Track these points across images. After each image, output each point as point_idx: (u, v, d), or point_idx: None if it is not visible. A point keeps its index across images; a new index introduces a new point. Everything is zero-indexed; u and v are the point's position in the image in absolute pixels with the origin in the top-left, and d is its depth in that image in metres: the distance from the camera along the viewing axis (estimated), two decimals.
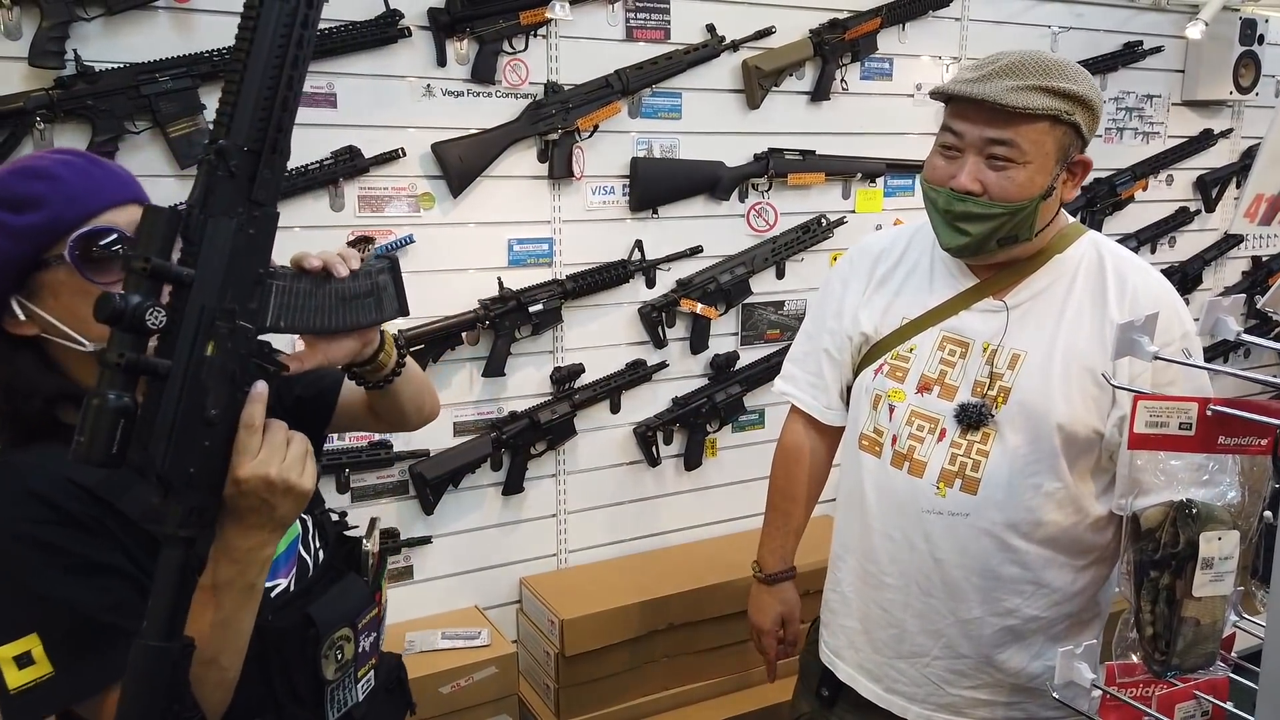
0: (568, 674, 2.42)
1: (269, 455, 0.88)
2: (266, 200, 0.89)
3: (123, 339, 0.82)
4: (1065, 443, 1.35)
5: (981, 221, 1.35)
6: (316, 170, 2.18)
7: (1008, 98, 1.27)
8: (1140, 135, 3.43)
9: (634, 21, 2.51)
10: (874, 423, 1.50)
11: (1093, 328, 1.36)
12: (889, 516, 1.47)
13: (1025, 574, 1.40)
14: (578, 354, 2.60)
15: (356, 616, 1.12)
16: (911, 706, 1.48)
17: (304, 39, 0.87)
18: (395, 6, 2.20)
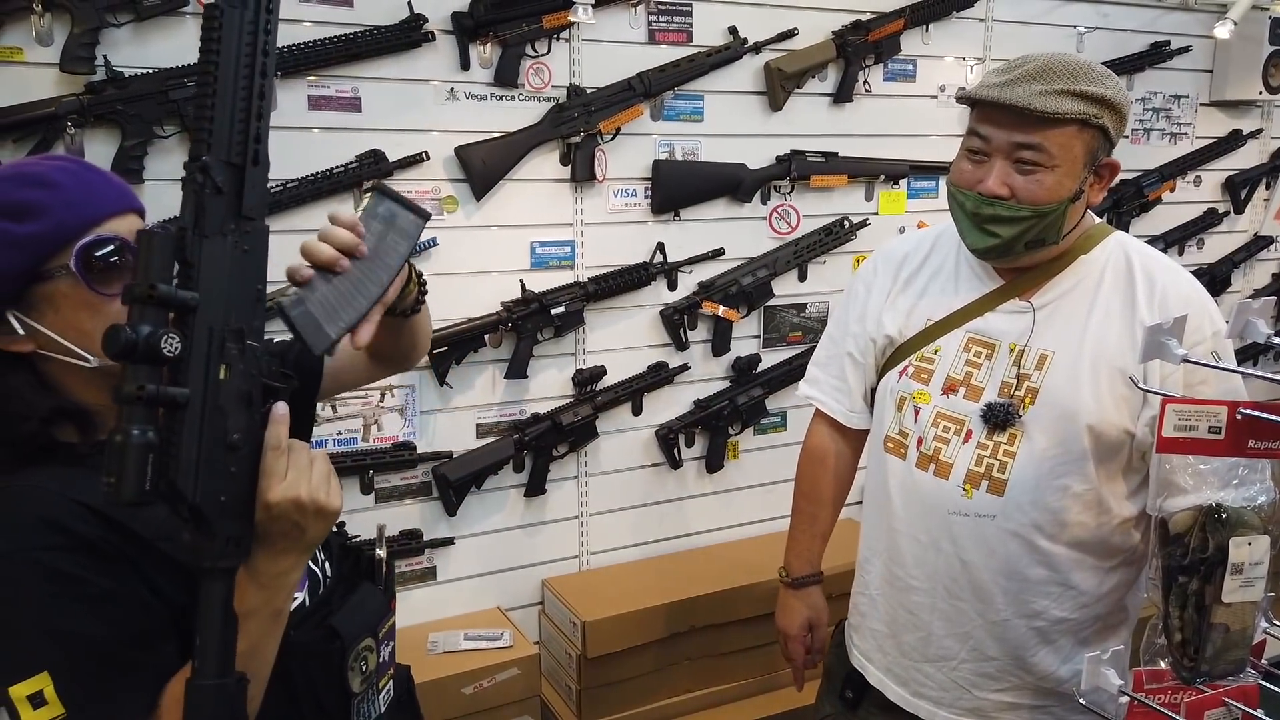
0: (590, 676, 2.42)
1: (297, 477, 0.87)
2: (256, 214, 0.87)
3: (137, 371, 0.79)
4: (1094, 443, 1.34)
5: (1010, 224, 1.34)
6: (341, 174, 2.20)
7: (1035, 102, 1.27)
8: (1168, 136, 3.40)
9: (656, 24, 2.52)
10: (899, 425, 1.50)
11: (1122, 327, 1.36)
12: (915, 519, 1.47)
13: (1053, 575, 1.39)
14: (600, 356, 2.61)
15: (377, 625, 1.11)
16: (939, 711, 1.48)
17: (268, 46, 0.86)
18: (419, 11, 2.22)
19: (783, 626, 1.76)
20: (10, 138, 1.92)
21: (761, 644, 2.58)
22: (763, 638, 2.57)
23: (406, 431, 2.40)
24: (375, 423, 2.36)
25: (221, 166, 0.84)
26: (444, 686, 2.24)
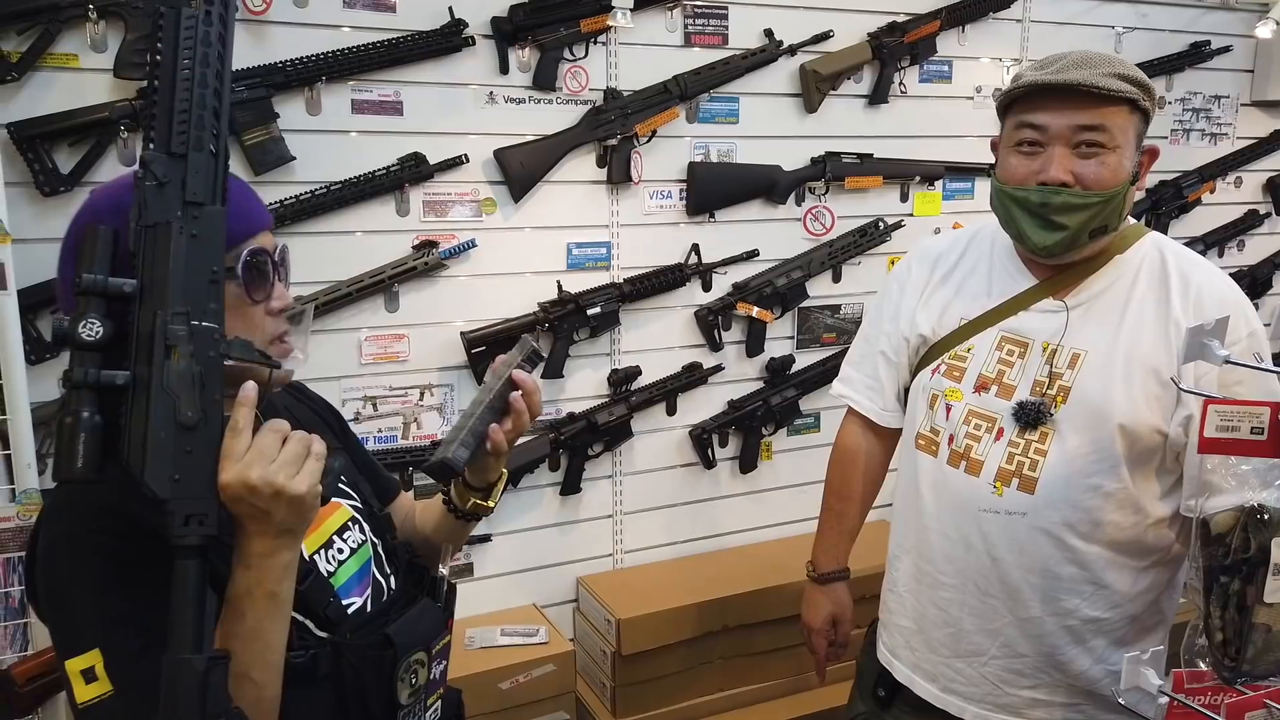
0: (624, 673, 2.45)
1: (253, 458, 0.87)
2: (205, 199, 0.88)
3: (82, 357, 0.84)
4: (1127, 443, 1.34)
5: (1078, 212, 1.33)
6: (383, 176, 2.24)
7: (1096, 80, 1.28)
8: (1207, 137, 3.36)
9: (692, 27, 2.54)
10: (931, 422, 1.51)
11: (1156, 327, 1.35)
12: (945, 515, 1.47)
13: (1084, 574, 1.39)
14: (635, 356, 2.63)
15: (432, 641, 1.12)
16: (969, 706, 1.48)
17: (208, 36, 0.87)
18: (460, 16, 2.25)
19: (807, 620, 1.78)
20: (66, 141, 1.98)
21: (794, 644, 2.57)
22: (795, 638, 2.55)
23: (444, 429, 2.44)
24: (415, 421, 2.40)
25: (163, 159, 0.87)
26: (481, 681, 2.27)
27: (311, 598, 1.02)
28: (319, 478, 0.90)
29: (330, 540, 1.09)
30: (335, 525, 1.11)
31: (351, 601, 1.08)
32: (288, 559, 0.91)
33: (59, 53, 1.97)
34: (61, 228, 1.97)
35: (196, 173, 0.88)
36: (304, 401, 1.23)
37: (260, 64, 2.09)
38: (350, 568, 1.10)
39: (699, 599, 2.50)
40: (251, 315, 1.00)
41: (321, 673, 1.00)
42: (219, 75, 0.89)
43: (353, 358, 2.31)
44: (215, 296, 0.89)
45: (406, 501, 1.35)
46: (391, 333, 2.35)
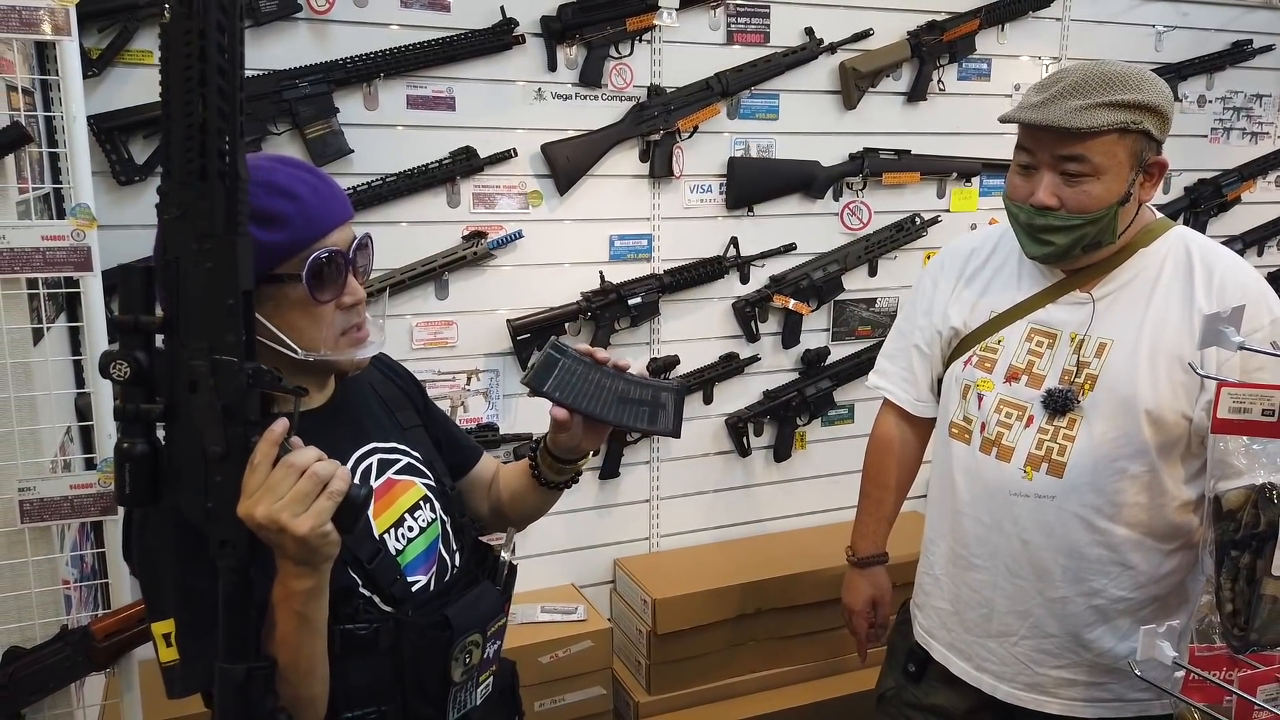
0: (659, 652, 2.53)
1: (262, 495, 0.87)
2: (214, 230, 0.86)
3: (130, 391, 0.88)
4: (1152, 428, 1.39)
5: (1063, 233, 1.40)
6: (436, 169, 2.34)
7: (1071, 120, 1.32)
8: (1248, 136, 3.36)
9: (734, 26, 2.61)
10: (963, 411, 1.57)
11: (1181, 315, 1.40)
12: (978, 501, 1.53)
13: (1111, 555, 1.44)
14: (673, 346, 2.71)
15: (488, 623, 1.15)
16: (1000, 685, 1.54)
17: (205, 52, 0.82)
18: (511, 15, 2.34)
19: (848, 603, 1.84)
20: (141, 133, 2.10)
21: (826, 628, 2.65)
22: (827, 622, 2.64)
23: (490, 414, 2.53)
24: (462, 404, 2.50)
25: (179, 189, 0.85)
26: (522, 655, 2.36)
27: (379, 575, 1.08)
28: (326, 516, 0.89)
29: (401, 518, 1.14)
30: (408, 504, 1.16)
31: (416, 579, 1.13)
32: (308, 586, 0.92)
33: (135, 49, 2.08)
34: (135, 215, 2.10)
35: (209, 204, 0.85)
36: (390, 378, 1.28)
37: (322, 61, 2.20)
38: (418, 545, 1.15)
39: (733, 582, 2.58)
40: (319, 313, 1.04)
41: (382, 645, 1.05)
42: (223, 94, 0.84)
43: (404, 343, 2.42)
44: (234, 328, 0.88)
45: (490, 465, 1.40)
46: (441, 319, 2.45)
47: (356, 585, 1.06)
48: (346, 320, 1.07)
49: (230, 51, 0.84)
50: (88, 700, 1.84)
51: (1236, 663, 1.20)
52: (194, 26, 0.82)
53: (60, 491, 1.63)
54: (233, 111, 0.85)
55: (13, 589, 1.64)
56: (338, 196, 1.08)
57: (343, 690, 1.03)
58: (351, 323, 1.08)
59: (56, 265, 1.58)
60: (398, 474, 1.17)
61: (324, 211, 1.04)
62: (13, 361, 1.58)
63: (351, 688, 1.04)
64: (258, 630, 0.94)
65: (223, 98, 0.84)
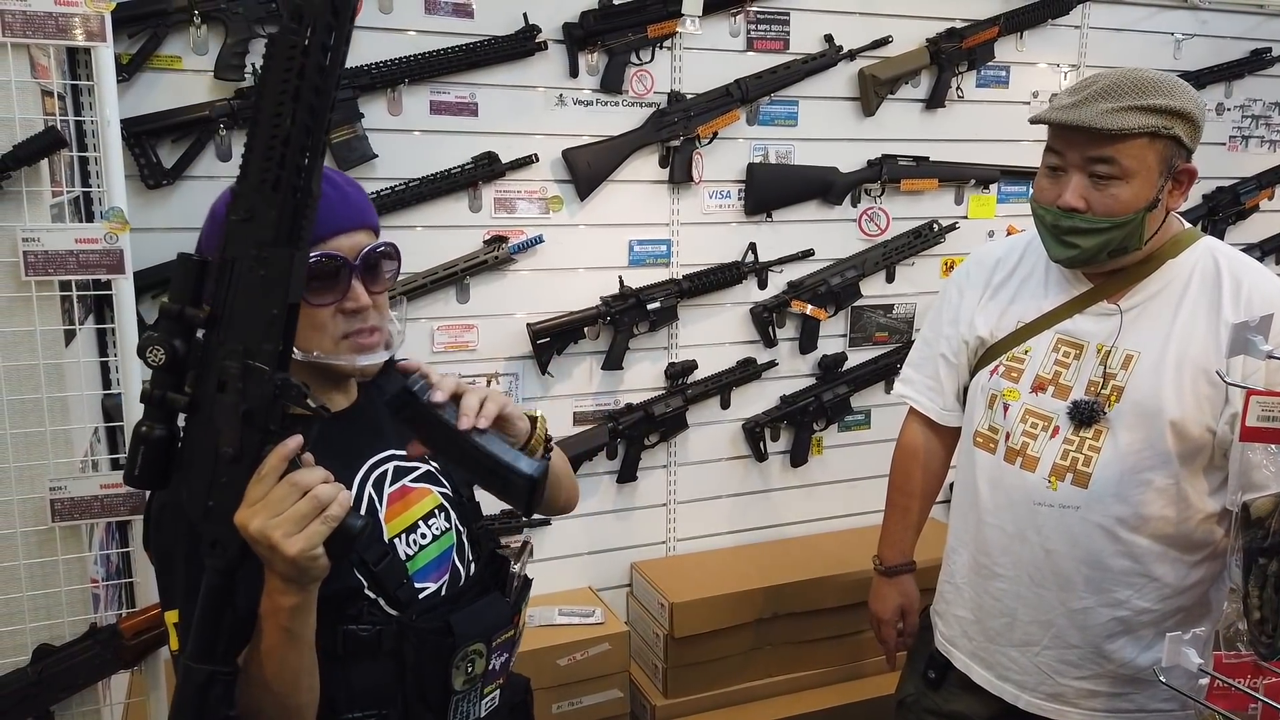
0: (676, 655, 2.53)
1: (260, 508, 0.88)
2: (276, 241, 0.87)
3: (160, 376, 0.90)
4: (1177, 440, 1.39)
5: (1089, 235, 1.40)
6: (458, 174, 2.36)
7: (1103, 121, 1.32)
8: (1267, 144, 3.35)
9: (754, 33, 2.62)
10: (989, 421, 1.57)
11: (1207, 328, 1.40)
12: (1002, 510, 1.53)
13: (1135, 566, 1.44)
14: (691, 351, 2.72)
15: (493, 634, 1.13)
16: (1022, 694, 1.54)
17: (305, 70, 0.84)
18: (533, 21, 2.36)
19: (876, 611, 1.84)
20: (169, 137, 2.12)
21: (843, 633, 2.66)
22: (844, 627, 2.65)
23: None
24: None
25: (251, 193, 0.87)
26: (540, 657, 2.38)
27: (385, 578, 1.08)
28: (318, 541, 0.88)
29: (414, 525, 1.14)
30: (422, 511, 1.16)
31: (425, 586, 1.12)
32: (294, 603, 0.92)
33: (164, 55, 2.11)
34: (163, 218, 2.12)
35: (275, 213, 0.87)
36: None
37: (348, 66, 2.22)
38: (430, 553, 1.15)
39: (750, 586, 2.59)
40: (316, 316, 1.05)
41: (385, 649, 1.05)
42: (313, 111, 0.85)
43: (425, 346, 2.43)
44: (272, 338, 0.89)
45: None
46: (462, 323, 2.47)
47: (362, 587, 1.07)
48: (349, 325, 1.07)
49: (329, 74, 0.86)
50: (114, 698, 1.86)
51: (1262, 670, 1.20)
52: (299, 43, 0.84)
53: (90, 491, 1.65)
54: (318, 131, 0.87)
55: (43, 587, 1.66)
56: (349, 203, 1.09)
57: (345, 691, 1.04)
58: (355, 328, 1.08)
59: (89, 268, 1.61)
60: (414, 482, 1.17)
61: (326, 218, 1.02)
62: (46, 363, 1.60)
63: (354, 689, 1.05)
64: (231, 638, 0.94)
65: (311, 115, 0.85)
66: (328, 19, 0.84)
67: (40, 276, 1.57)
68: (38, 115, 1.61)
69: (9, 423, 1.59)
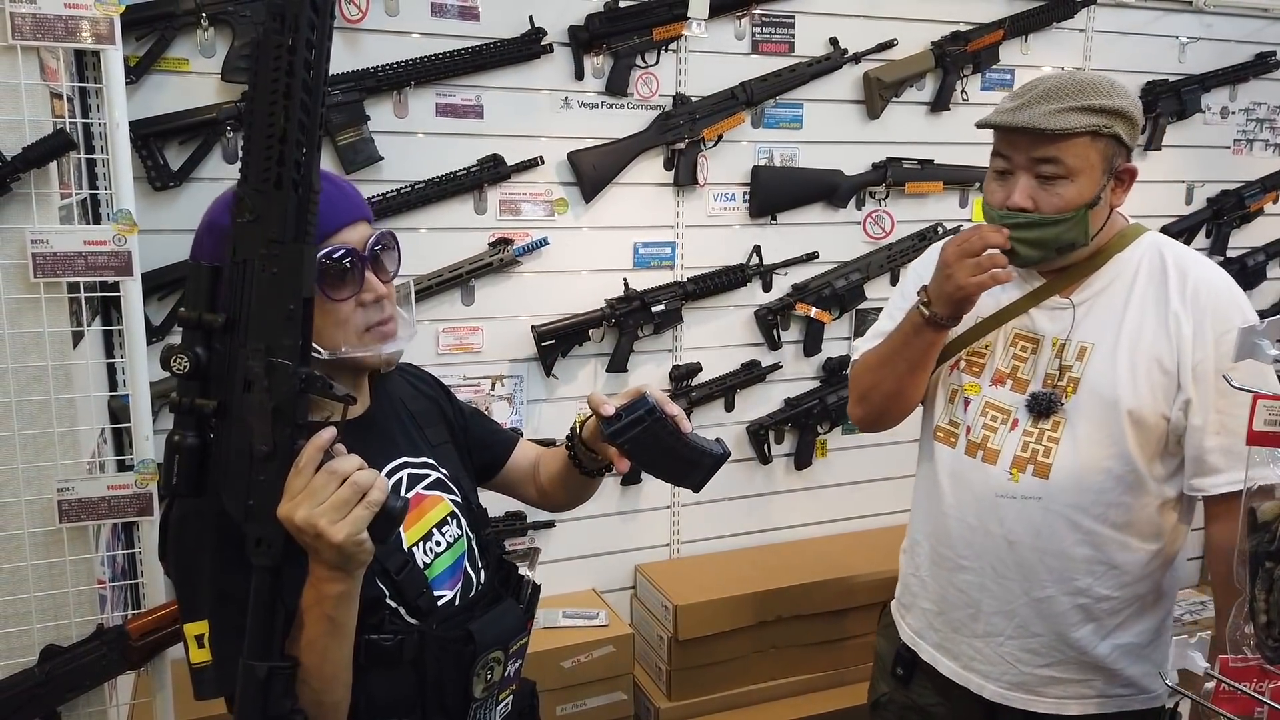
0: (680, 658, 2.54)
1: (303, 499, 0.89)
2: (283, 237, 0.89)
3: (186, 385, 0.91)
4: (1133, 428, 1.42)
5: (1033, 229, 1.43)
6: (464, 176, 2.37)
7: (1046, 121, 1.36)
8: (1271, 147, 3.35)
9: (759, 36, 2.63)
10: (950, 415, 1.59)
11: (1157, 319, 1.44)
12: (964, 503, 1.55)
13: (1096, 554, 1.46)
14: (696, 353, 2.73)
15: (510, 641, 1.14)
16: (987, 684, 1.56)
17: (293, 67, 0.85)
18: (539, 24, 2.37)
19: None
20: (176, 139, 2.13)
21: (848, 636, 2.66)
22: (849, 630, 2.65)
23: (514, 419, 2.55)
24: (486, 409, 2.52)
25: (254, 194, 0.88)
26: (544, 659, 2.38)
27: (406, 587, 1.09)
28: (363, 525, 0.91)
29: (430, 533, 1.15)
30: (436, 518, 1.17)
31: (443, 594, 1.13)
32: (340, 590, 0.94)
33: (172, 57, 2.12)
34: (169, 220, 2.13)
35: (281, 209, 0.88)
36: (419, 389, 1.29)
37: (354, 69, 2.23)
38: (445, 561, 1.15)
39: (754, 589, 2.59)
40: (338, 311, 1.05)
41: (406, 657, 1.06)
42: (305, 108, 0.87)
43: (430, 348, 2.44)
44: (291, 333, 0.91)
45: (529, 451, 1.41)
46: (467, 325, 2.47)
47: (384, 596, 1.07)
48: (368, 317, 1.08)
49: (316, 69, 0.87)
50: (120, 699, 1.86)
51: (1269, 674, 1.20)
52: (284, 42, 0.85)
53: (98, 492, 1.66)
54: (313, 126, 0.88)
55: (50, 588, 1.66)
56: (349, 197, 1.10)
57: (365, 700, 1.04)
58: (375, 319, 1.08)
59: (98, 269, 1.61)
60: (427, 489, 1.18)
61: (330, 212, 1.04)
62: (54, 364, 1.61)
63: (373, 698, 1.05)
64: (284, 632, 0.95)
65: (304, 112, 0.87)
66: (309, 15, 0.86)
67: (49, 278, 1.58)
68: (47, 117, 1.62)
69: (17, 424, 1.59)
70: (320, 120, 0.89)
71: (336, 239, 1.05)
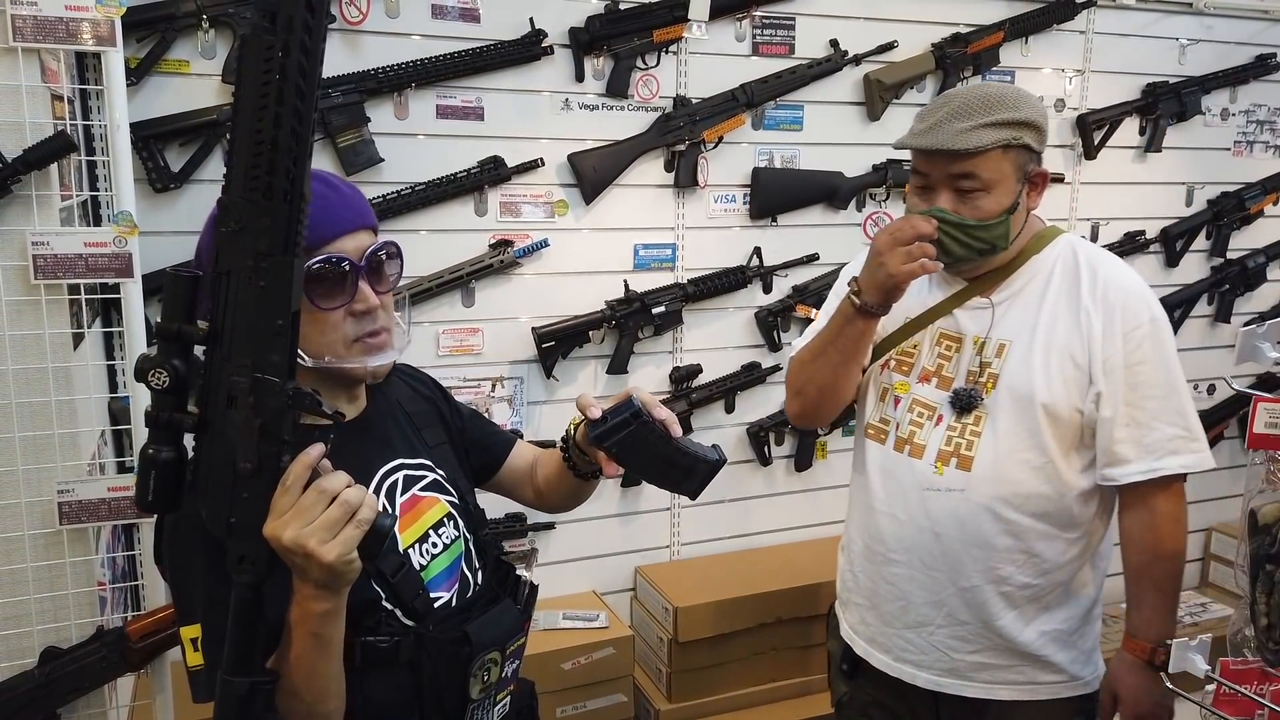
0: (680, 659, 2.53)
1: (291, 517, 0.87)
2: (273, 250, 0.85)
3: (162, 399, 0.88)
4: (1049, 421, 1.48)
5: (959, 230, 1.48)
6: (464, 178, 2.37)
7: (958, 142, 1.42)
8: (1272, 149, 3.35)
9: (760, 38, 2.63)
10: (880, 413, 1.64)
11: (1069, 315, 1.50)
12: (893, 497, 1.60)
13: (1017, 544, 1.51)
14: (696, 355, 2.73)
15: (507, 642, 1.14)
16: (920, 673, 1.59)
17: (285, 70, 0.82)
18: (540, 26, 2.37)
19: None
20: (177, 141, 2.13)
21: None
22: None
23: (514, 420, 2.55)
24: (487, 411, 2.51)
25: (239, 203, 0.85)
26: (544, 661, 2.38)
27: (402, 589, 1.07)
28: (353, 545, 0.89)
29: (426, 534, 1.14)
30: (432, 520, 1.16)
31: (439, 595, 1.12)
32: (326, 609, 0.92)
33: (172, 59, 2.12)
34: (170, 222, 2.12)
35: (271, 221, 0.85)
36: (417, 390, 1.29)
37: (355, 71, 2.23)
38: (442, 562, 1.15)
39: (755, 590, 2.59)
40: (326, 320, 1.03)
41: (402, 659, 1.05)
42: (298, 114, 0.83)
43: (430, 350, 2.44)
44: (280, 349, 0.88)
45: (526, 453, 1.39)
46: (467, 326, 2.47)
47: (380, 598, 1.07)
48: (359, 327, 1.06)
49: (310, 73, 0.83)
50: (120, 701, 1.86)
51: (1269, 677, 1.20)
52: (276, 43, 0.81)
53: (98, 494, 1.66)
54: (305, 133, 0.84)
55: (50, 590, 1.66)
56: (351, 205, 1.08)
57: (362, 702, 1.03)
58: (365, 330, 1.07)
59: (98, 271, 1.61)
60: (423, 490, 1.17)
61: (328, 220, 1.03)
62: (54, 366, 1.61)
63: (371, 700, 1.05)
64: (265, 647, 0.94)
65: (297, 118, 0.83)
66: (304, 16, 0.82)
67: (49, 280, 1.58)
68: (47, 119, 1.62)
69: (17, 425, 1.60)
70: (312, 127, 0.86)
71: (333, 247, 1.04)
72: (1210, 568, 3.50)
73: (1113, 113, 3.05)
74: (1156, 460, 1.43)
